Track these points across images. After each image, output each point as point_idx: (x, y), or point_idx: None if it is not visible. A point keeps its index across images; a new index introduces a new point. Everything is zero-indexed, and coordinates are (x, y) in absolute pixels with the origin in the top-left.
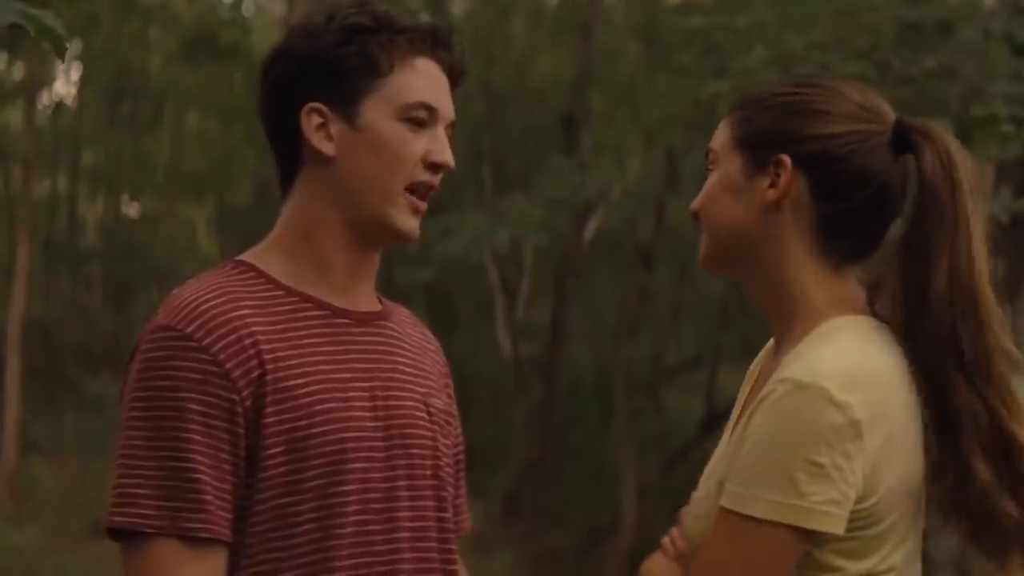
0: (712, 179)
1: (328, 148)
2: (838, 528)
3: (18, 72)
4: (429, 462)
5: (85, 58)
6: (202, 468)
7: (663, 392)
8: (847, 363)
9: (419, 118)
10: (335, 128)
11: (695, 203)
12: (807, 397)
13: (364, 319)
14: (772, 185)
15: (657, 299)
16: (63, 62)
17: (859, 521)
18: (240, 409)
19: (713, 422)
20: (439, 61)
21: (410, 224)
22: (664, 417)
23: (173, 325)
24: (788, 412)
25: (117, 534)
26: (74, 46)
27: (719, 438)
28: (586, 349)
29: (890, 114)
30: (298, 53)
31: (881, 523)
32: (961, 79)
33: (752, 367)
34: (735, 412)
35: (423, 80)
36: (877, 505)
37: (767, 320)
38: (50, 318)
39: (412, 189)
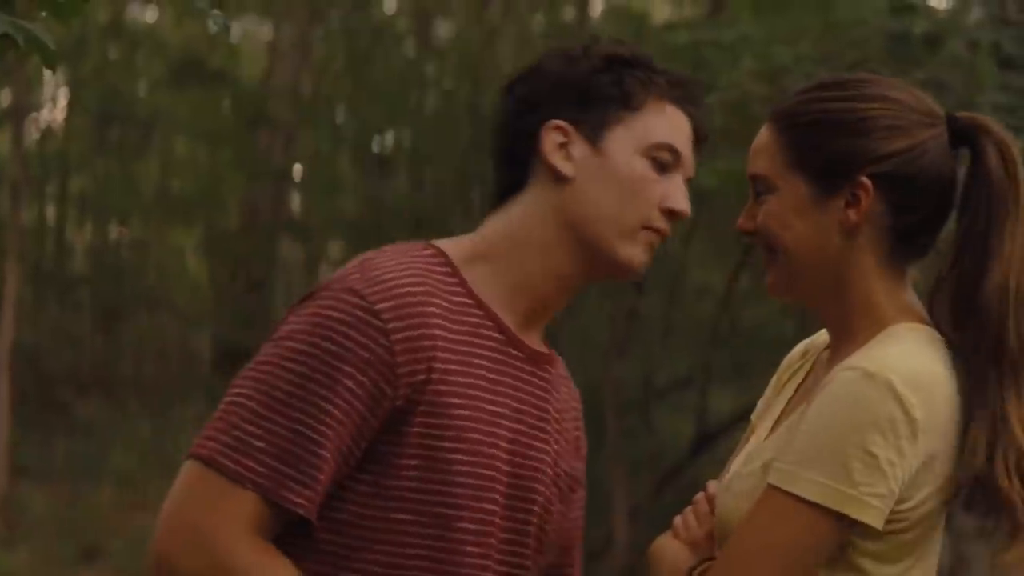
0: (774, 204)
1: (567, 168)
2: (878, 522)
3: (5, 98)
4: (535, 519)
5: (73, 83)
6: (329, 446)
7: (654, 413)
8: (913, 364)
9: (664, 160)
10: (577, 150)
11: (747, 223)
12: (872, 385)
13: (533, 358)
14: (849, 206)
15: (647, 320)
16: (54, 74)
17: (894, 523)
18: (387, 404)
19: (704, 443)
20: (688, 114)
21: (639, 259)
22: (655, 438)
23: (365, 295)
24: (851, 397)
25: (207, 463)
26: (61, 71)
27: (710, 459)
28: (576, 370)
29: (940, 110)
30: (551, 73)
31: (912, 531)
32: (948, 91)
33: (782, 371)
34: (761, 415)
35: (673, 124)
36: (913, 511)
37: (824, 323)
38: (39, 343)
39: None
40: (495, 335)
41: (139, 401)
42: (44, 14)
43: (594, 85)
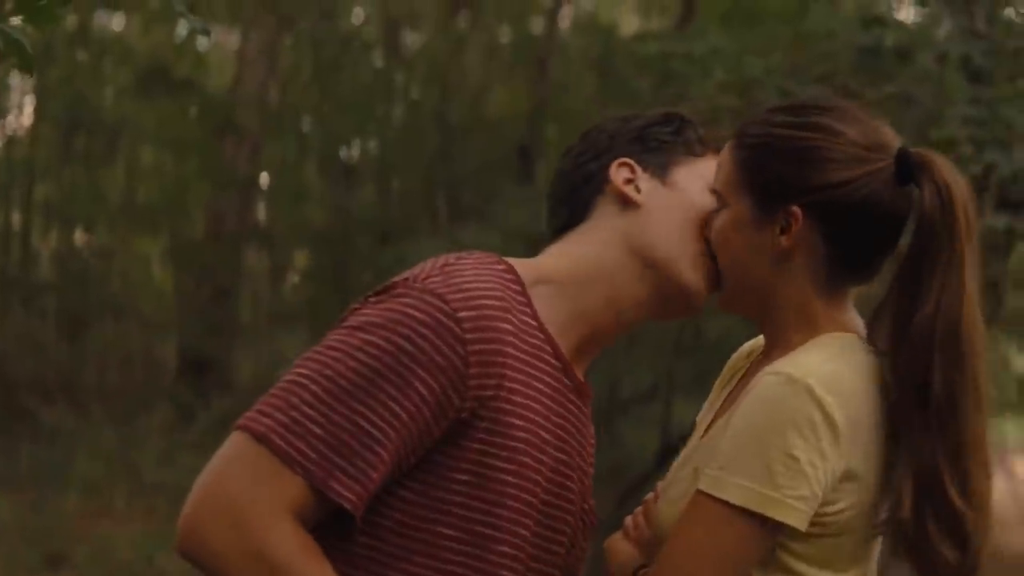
0: (722, 219)
1: (636, 195)
2: (802, 524)
3: None
4: (563, 551)
5: (39, 91)
6: (389, 447)
7: (618, 424)
8: (834, 369)
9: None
10: (644, 184)
11: (707, 233)
12: (792, 390)
13: (580, 390)
14: (783, 231)
15: None
16: (31, 77)
17: (822, 527)
18: (452, 415)
19: (669, 454)
20: None
21: (701, 284)
22: (619, 449)
23: (449, 300)
24: (772, 401)
25: (258, 438)
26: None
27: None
28: None
29: (893, 143)
30: (612, 126)
31: (842, 535)
32: (917, 106)
33: (724, 371)
34: (705, 416)
35: None
36: (840, 515)
37: (760, 329)
38: (4, 350)
39: None
40: (553, 361)
41: (104, 409)
42: (19, 20)
43: (654, 133)
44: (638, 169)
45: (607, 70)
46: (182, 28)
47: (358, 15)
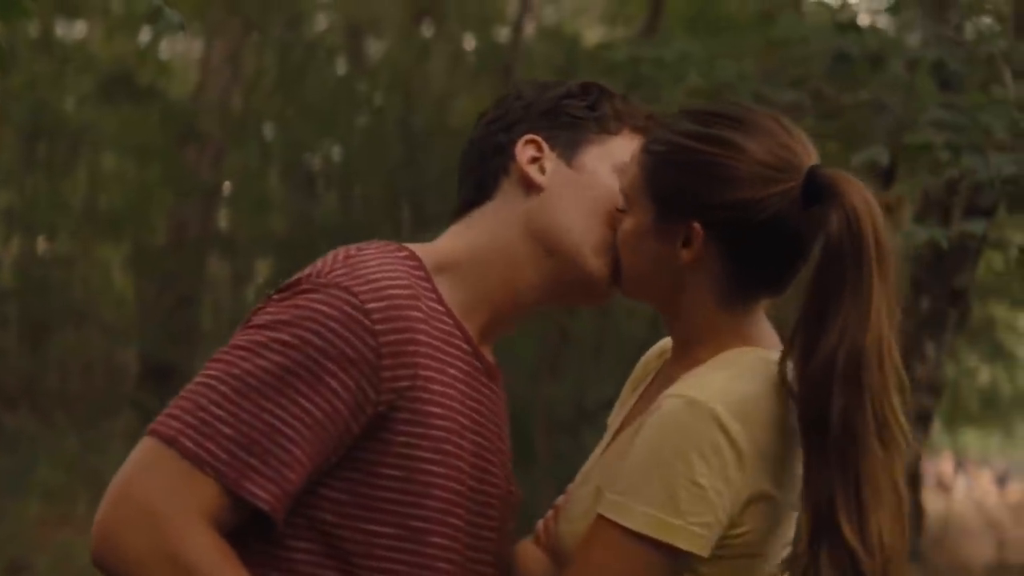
0: (627, 223)
1: (539, 178)
2: (704, 551)
3: None
4: (495, 536)
5: (0, 98)
6: (303, 445)
7: (584, 433)
8: (738, 391)
9: None
10: (550, 164)
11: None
12: (696, 415)
13: (490, 372)
14: (684, 245)
15: (577, 340)
16: (3, 77)
17: (728, 548)
18: (369, 409)
19: None
20: None
21: (604, 273)
22: (586, 459)
23: (356, 292)
24: (675, 426)
25: (167, 441)
26: None
27: None
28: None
29: (804, 161)
30: (526, 96)
31: (753, 557)
32: (888, 112)
33: (637, 370)
34: (615, 418)
35: None
36: (745, 537)
37: (667, 330)
38: None
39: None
40: (464, 346)
41: (66, 416)
42: None
43: (568, 106)
44: (545, 147)
45: (572, 78)
46: (145, 35)
47: (321, 22)
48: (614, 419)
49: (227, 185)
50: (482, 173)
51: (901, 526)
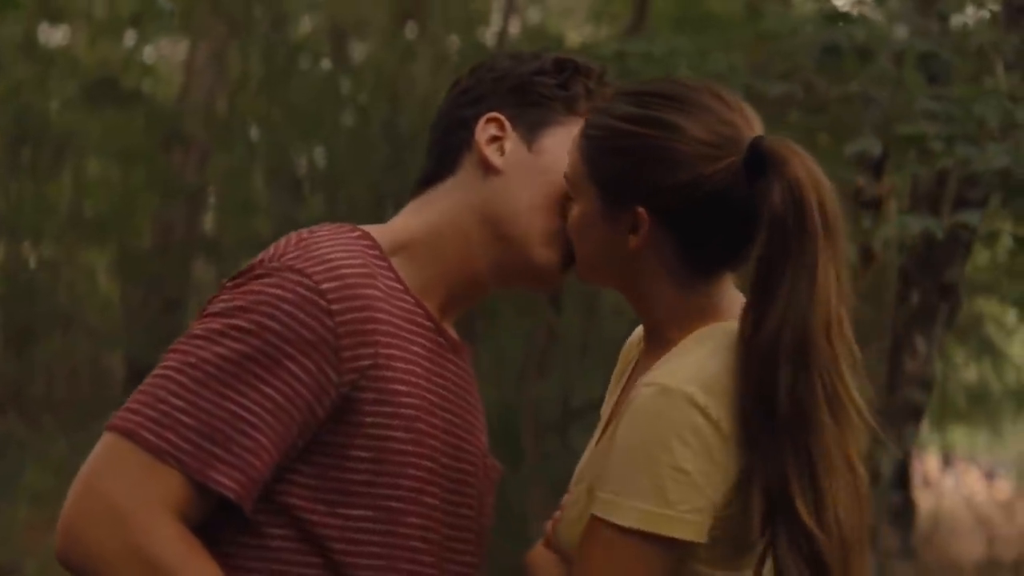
0: (575, 212)
1: (497, 160)
2: (700, 537)
3: None
4: (473, 513)
5: None
6: (266, 431)
7: (571, 432)
8: (713, 370)
9: None
10: (510, 146)
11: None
12: (671, 401)
13: (456, 347)
14: (632, 231)
15: (564, 340)
16: None
17: (726, 528)
18: (332, 392)
19: None
20: None
21: (556, 265)
22: (574, 459)
23: (310, 273)
24: (651, 415)
25: (126, 435)
26: None
27: None
28: (492, 390)
29: (745, 133)
30: (498, 69)
31: (749, 536)
32: (876, 105)
33: (620, 360)
34: (606, 408)
35: None
36: (743, 514)
37: (641, 322)
38: None
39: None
40: (426, 323)
41: (54, 420)
42: None
43: (538, 84)
44: (508, 127)
45: None
46: (130, 39)
47: (306, 24)
48: (605, 411)
49: (212, 188)
50: (445, 147)
51: (859, 505)
